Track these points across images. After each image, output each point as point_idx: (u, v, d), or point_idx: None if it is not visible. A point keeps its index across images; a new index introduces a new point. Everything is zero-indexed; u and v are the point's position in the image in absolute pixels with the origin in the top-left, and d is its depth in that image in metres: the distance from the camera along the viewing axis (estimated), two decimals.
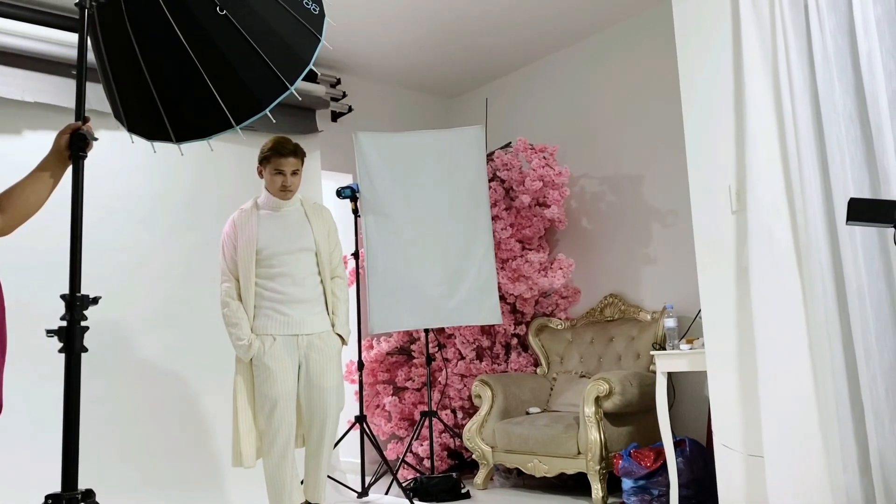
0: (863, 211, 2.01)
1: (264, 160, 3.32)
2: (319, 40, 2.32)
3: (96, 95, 3.94)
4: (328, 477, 3.92)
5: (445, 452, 4.77)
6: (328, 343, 3.28)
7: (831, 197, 2.74)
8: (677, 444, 3.45)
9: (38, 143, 3.97)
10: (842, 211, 2.66)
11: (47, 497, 1.87)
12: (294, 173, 3.31)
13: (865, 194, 2.66)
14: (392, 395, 4.96)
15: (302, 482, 3.27)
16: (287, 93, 2.28)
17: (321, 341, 3.27)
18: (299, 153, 3.33)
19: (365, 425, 4.11)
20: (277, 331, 3.21)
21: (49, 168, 2.00)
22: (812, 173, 2.77)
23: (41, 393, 3.73)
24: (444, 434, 4.75)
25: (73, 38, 3.90)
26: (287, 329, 3.22)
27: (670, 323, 3.47)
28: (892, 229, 1.96)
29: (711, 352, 3.09)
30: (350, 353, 5.07)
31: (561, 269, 4.59)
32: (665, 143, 4.54)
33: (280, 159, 3.28)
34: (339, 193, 4.33)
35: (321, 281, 3.35)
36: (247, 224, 3.26)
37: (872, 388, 2.54)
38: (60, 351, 1.91)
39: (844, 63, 2.73)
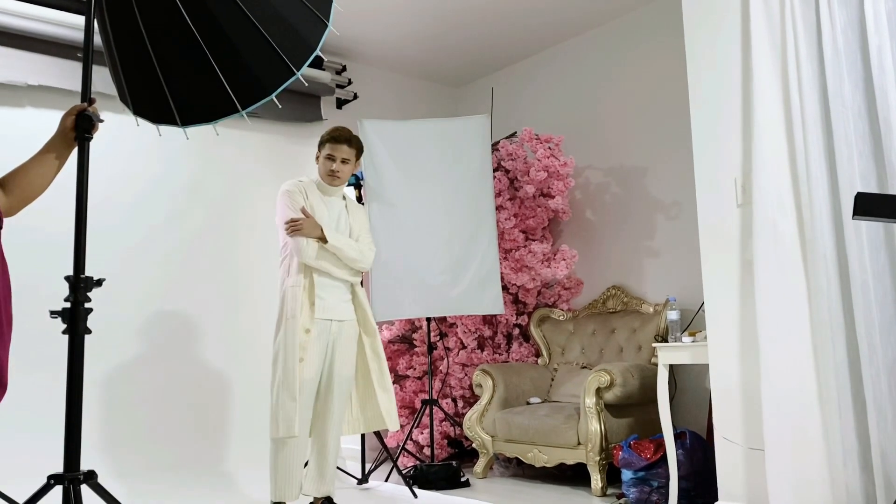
0: (870, 206, 2.00)
1: (321, 144, 3.39)
2: (327, 25, 2.31)
3: (102, 79, 3.93)
4: None
5: (446, 441, 4.78)
6: (351, 333, 3.35)
7: (838, 191, 2.72)
8: (678, 437, 3.46)
9: (43, 124, 3.96)
10: (848, 205, 2.64)
11: (50, 477, 1.88)
12: (344, 161, 3.33)
13: (872, 189, 2.65)
14: (393, 383, 4.97)
15: (305, 465, 3.28)
16: (293, 78, 2.26)
17: (346, 331, 3.33)
18: (354, 143, 3.36)
19: None
20: (316, 314, 3.23)
21: (54, 149, 2.00)
22: (819, 167, 2.75)
23: (45, 374, 3.74)
24: (444, 423, 4.76)
25: (79, 20, 3.88)
26: (322, 313, 3.24)
27: (673, 315, 3.46)
28: None
29: (714, 345, 3.09)
30: None
31: (564, 260, 4.59)
32: (671, 136, 4.52)
33: (334, 145, 3.32)
34: None
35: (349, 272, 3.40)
36: (305, 198, 3.28)
37: (875, 383, 2.53)
38: (64, 332, 1.92)
39: (854, 58, 2.71)
